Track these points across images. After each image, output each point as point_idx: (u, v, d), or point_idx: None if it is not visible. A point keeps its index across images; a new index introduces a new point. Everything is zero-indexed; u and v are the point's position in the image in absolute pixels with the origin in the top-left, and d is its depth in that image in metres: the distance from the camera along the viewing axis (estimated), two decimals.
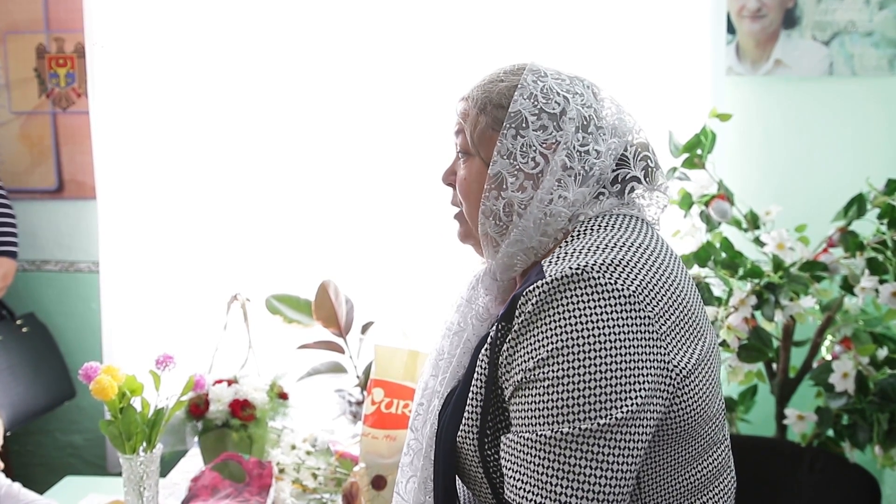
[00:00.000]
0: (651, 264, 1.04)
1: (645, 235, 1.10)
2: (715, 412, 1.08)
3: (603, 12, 2.46)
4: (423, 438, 1.13)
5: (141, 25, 2.56)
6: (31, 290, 2.81)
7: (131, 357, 2.63)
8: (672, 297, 1.03)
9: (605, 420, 0.95)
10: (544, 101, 1.10)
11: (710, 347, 1.09)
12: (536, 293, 1.00)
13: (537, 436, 0.97)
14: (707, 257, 2.09)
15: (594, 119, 1.12)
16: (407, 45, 2.53)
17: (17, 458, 2.81)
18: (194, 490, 1.83)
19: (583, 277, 0.99)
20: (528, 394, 0.99)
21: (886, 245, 1.97)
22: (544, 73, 1.13)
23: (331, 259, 2.60)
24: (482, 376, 1.05)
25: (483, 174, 1.12)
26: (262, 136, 2.63)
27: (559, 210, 1.09)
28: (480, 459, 1.06)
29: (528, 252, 1.12)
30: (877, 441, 1.98)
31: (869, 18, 2.47)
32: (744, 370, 2.05)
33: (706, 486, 1.09)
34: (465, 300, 1.18)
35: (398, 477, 1.18)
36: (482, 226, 1.13)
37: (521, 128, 1.09)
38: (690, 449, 1.05)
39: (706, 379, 1.05)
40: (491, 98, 1.13)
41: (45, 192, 2.79)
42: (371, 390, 1.73)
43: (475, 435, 1.06)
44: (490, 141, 1.12)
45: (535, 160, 1.09)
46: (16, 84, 2.75)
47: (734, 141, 2.49)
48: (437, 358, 1.18)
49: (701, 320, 1.09)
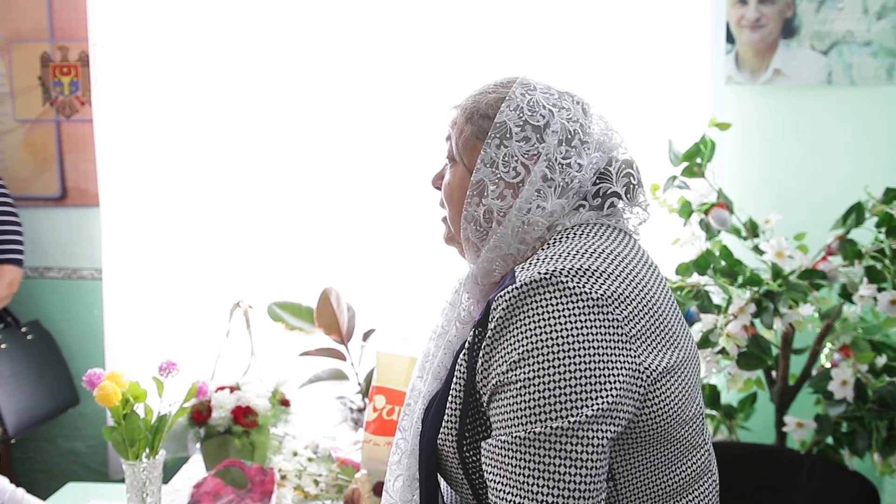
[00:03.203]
0: (621, 271, 1.07)
1: (619, 244, 1.12)
2: (691, 417, 1.10)
3: (603, 22, 2.48)
4: (410, 438, 1.17)
5: (144, 34, 2.58)
6: (35, 297, 2.82)
7: (134, 364, 2.63)
8: (642, 302, 1.06)
9: (577, 417, 0.97)
10: (530, 113, 1.13)
11: (687, 354, 1.11)
12: (507, 297, 1.04)
13: (512, 437, 1.00)
14: (706, 265, 2.10)
15: (579, 133, 1.15)
16: (412, 52, 2.55)
17: (20, 464, 2.82)
18: (196, 496, 1.84)
19: (551, 282, 1.02)
20: (503, 397, 1.02)
21: (885, 253, 1.98)
22: (533, 86, 1.16)
23: (332, 266, 2.61)
24: (461, 380, 1.09)
25: (466, 181, 1.16)
26: (264, 144, 2.64)
27: (537, 219, 1.13)
28: (460, 461, 1.09)
29: (507, 258, 1.16)
30: (876, 448, 1.99)
31: (867, 28, 2.49)
32: (743, 378, 2.06)
33: (685, 489, 1.11)
34: (448, 304, 1.22)
35: (387, 475, 1.21)
36: (464, 230, 1.17)
37: (505, 138, 1.13)
38: (667, 452, 1.07)
39: (681, 383, 1.07)
40: (479, 108, 1.17)
41: (48, 200, 2.81)
42: (373, 397, 1.74)
43: (454, 437, 1.09)
44: (474, 149, 1.16)
45: (517, 170, 1.13)
46: (20, 92, 2.77)
47: (733, 150, 2.50)
48: (423, 360, 1.22)
49: (675, 328, 1.11)
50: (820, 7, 2.50)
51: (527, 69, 2.43)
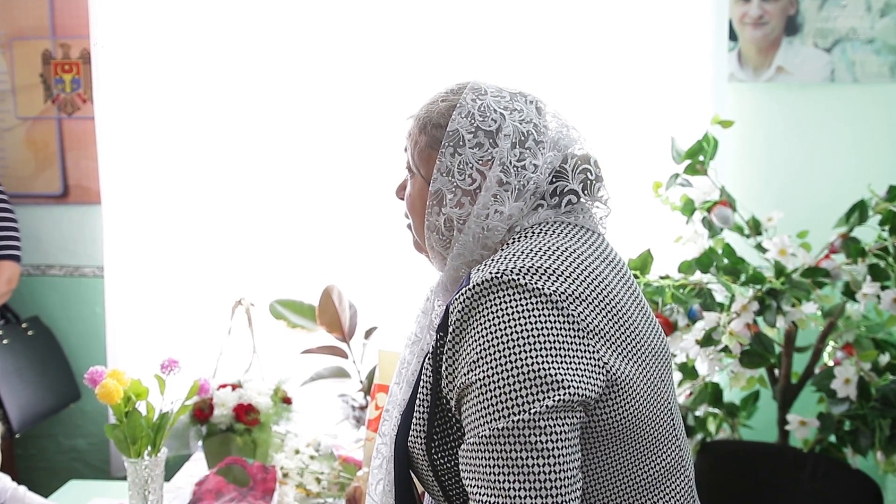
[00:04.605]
0: (575, 268, 1.07)
1: (578, 241, 1.12)
2: (658, 413, 1.10)
3: (605, 20, 2.48)
4: (389, 443, 1.17)
5: (146, 32, 2.58)
6: (36, 295, 2.82)
7: (135, 361, 2.63)
8: (599, 298, 1.06)
9: (538, 409, 0.97)
10: (481, 119, 1.13)
11: (652, 351, 1.11)
12: (461, 300, 1.05)
13: (479, 437, 1.01)
14: (709, 263, 2.09)
15: (533, 134, 1.14)
16: (414, 51, 2.54)
17: (22, 461, 2.82)
18: (198, 494, 1.84)
19: (503, 280, 1.03)
20: (467, 400, 1.03)
21: (888, 251, 1.98)
22: (484, 90, 1.16)
23: (334, 264, 2.61)
24: (427, 384, 1.09)
25: (425, 191, 1.17)
26: (265, 142, 2.64)
27: (496, 224, 1.13)
28: (430, 464, 1.10)
29: (472, 264, 1.16)
30: (879, 447, 1.98)
31: (870, 26, 2.49)
32: (746, 376, 2.06)
33: (657, 486, 1.10)
34: (421, 312, 1.23)
35: (370, 479, 1.22)
36: (427, 240, 1.18)
37: (459, 146, 1.13)
38: (633, 450, 1.07)
39: (644, 380, 1.07)
40: (431, 118, 1.17)
41: (50, 197, 2.81)
42: (374, 395, 1.73)
43: (423, 441, 1.09)
44: (430, 159, 1.16)
45: (472, 177, 1.13)
46: (22, 90, 2.77)
47: (736, 147, 2.50)
48: (400, 367, 1.23)
49: (639, 324, 1.11)
50: (823, 4, 2.49)
51: (528, 69, 2.46)
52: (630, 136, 2.48)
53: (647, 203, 2.27)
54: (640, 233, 2.35)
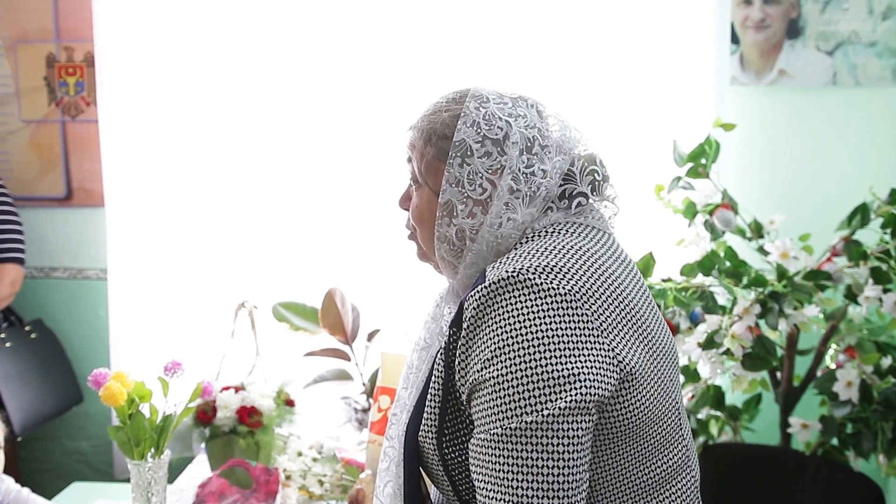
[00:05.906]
0: (589, 266, 1.08)
1: (590, 240, 1.13)
2: (666, 411, 1.11)
3: (608, 23, 2.48)
4: (398, 447, 1.18)
5: (150, 35, 2.59)
6: (40, 297, 2.83)
7: (138, 363, 2.64)
8: (612, 297, 1.07)
9: (551, 410, 0.98)
10: (487, 127, 1.13)
11: (663, 349, 1.12)
12: (477, 297, 1.05)
13: (490, 435, 1.01)
14: (711, 266, 2.09)
15: (538, 139, 1.15)
16: (418, 53, 2.54)
17: (25, 463, 2.82)
18: (201, 496, 1.85)
19: (518, 279, 1.03)
20: (479, 396, 1.04)
21: (890, 254, 1.98)
22: (486, 98, 1.16)
23: (337, 267, 2.62)
24: (439, 378, 1.10)
25: (434, 202, 1.16)
26: (269, 145, 2.64)
27: (509, 232, 1.13)
28: (440, 457, 1.10)
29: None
30: (881, 450, 1.98)
31: (872, 29, 2.49)
32: (748, 379, 2.06)
33: (663, 485, 1.11)
34: (430, 317, 1.23)
35: (377, 482, 1.22)
36: (438, 251, 1.18)
37: (467, 156, 1.13)
38: (641, 448, 1.08)
39: (655, 377, 1.08)
40: (435, 129, 1.17)
41: (53, 200, 2.81)
42: (377, 397, 1.74)
43: (434, 434, 1.10)
44: (437, 171, 1.16)
45: (483, 186, 1.13)
46: (25, 93, 2.78)
47: (738, 150, 2.50)
48: (407, 371, 1.24)
49: (650, 322, 1.12)
50: (825, 7, 2.49)
51: (531, 73, 2.47)
52: (632, 139, 2.49)
53: (650, 206, 2.28)
54: (642, 236, 2.35)
